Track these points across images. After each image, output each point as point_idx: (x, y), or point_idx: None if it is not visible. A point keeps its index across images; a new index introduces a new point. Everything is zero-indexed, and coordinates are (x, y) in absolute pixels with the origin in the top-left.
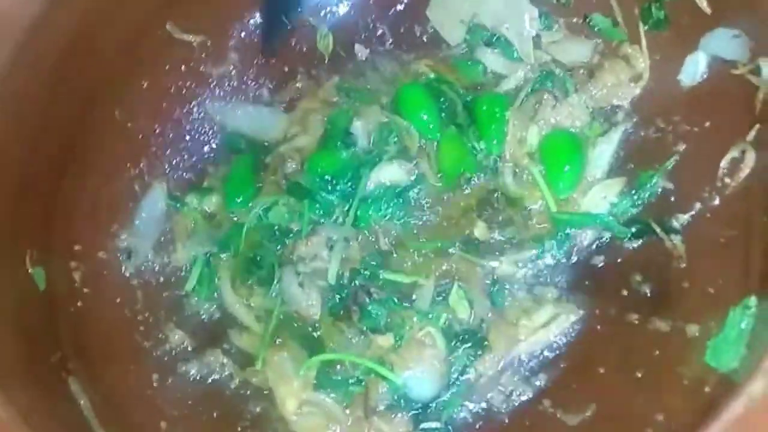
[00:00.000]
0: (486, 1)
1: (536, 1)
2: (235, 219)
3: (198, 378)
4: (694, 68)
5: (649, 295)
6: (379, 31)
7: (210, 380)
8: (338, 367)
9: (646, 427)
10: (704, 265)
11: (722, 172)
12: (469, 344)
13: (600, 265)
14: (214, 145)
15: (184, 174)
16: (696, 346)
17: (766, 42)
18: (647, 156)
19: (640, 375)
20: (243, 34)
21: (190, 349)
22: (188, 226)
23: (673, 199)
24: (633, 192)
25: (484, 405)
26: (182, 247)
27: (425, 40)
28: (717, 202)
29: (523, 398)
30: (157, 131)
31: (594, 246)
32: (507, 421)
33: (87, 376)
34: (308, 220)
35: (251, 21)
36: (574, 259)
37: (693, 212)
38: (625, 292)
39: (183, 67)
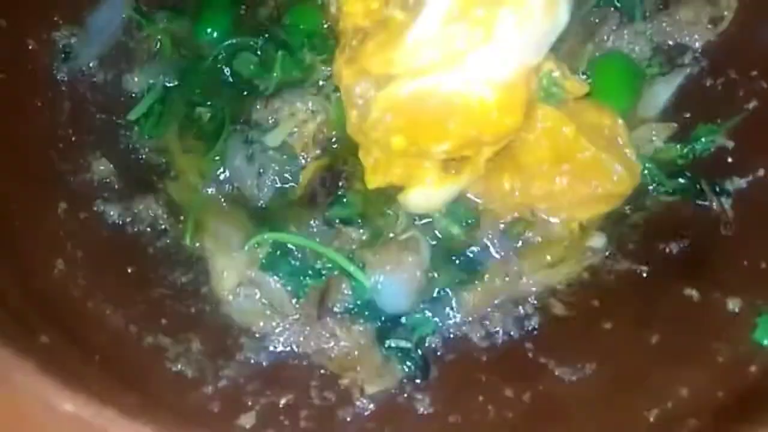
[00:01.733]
0: None
1: None
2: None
3: (118, 223)
4: None
5: (681, 258)
6: None
7: (132, 230)
8: (296, 253)
9: (666, 400)
10: (757, 237)
11: None
12: (460, 264)
13: (628, 213)
14: None
15: None
16: (738, 321)
17: None
18: (709, 107)
19: (655, 341)
20: None
21: (115, 187)
22: (152, 48)
23: (730, 159)
24: (685, 142)
25: (460, 336)
26: (139, 70)
27: None
28: None
29: (509, 340)
30: None
31: None
32: (485, 359)
33: None
34: (277, 78)
35: None
36: None
37: (752, 177)
38: (651, 250)
39: None
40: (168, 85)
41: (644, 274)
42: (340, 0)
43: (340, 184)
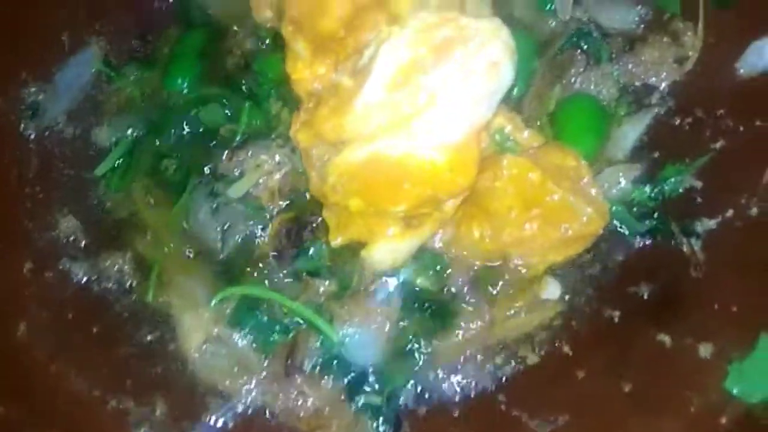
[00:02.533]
0: None
1: None
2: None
3: (83, 282)
4: (758, 57)
5: (653, 302)
6: None
7: (98, 288)
8: (263, 304)
9: None
10: (728, 280)
11: None
12: (431, 314)
13: (598, 256)
14: (171, 15)
15: (130, 40)
16: (710, 368)
17: None
18: (677, 147)
19: (628, 390)
20: None
21: (82, 244)
22: (121, 101)
23: (699, 200)
24: (654, 184)
25: (433, 389)
26: (108, 123)
27: None
28: (755, 212)
29: (482, 391)
30: None
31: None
32: (457, 414)
33: None
34: (243, 129)
35: None
36: None
37: (721, 219)
38: (622, 293)
39: None
40: (135, 137)
41: (616, 320)
42: (287, 68)
43: (305, 236)
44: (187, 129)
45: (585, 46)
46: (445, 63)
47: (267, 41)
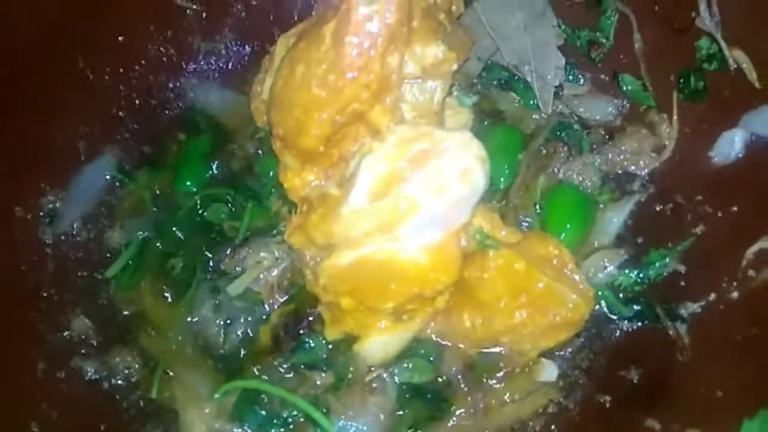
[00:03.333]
0: (510, 39)
1: (564, 50)
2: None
3: (94, 379)
4: (729, 146)
5: (642, 386)
6: None
7: (107, 385)
8: (263, 398)
9: None
10: (713, 363)
11: (747, 263)
12: (426, 403)
13: (588, 341)
14: (181, 122)
15: (142, 147)
16: None
17: None
18: (660, 233)
19: None
20: (244, 14)
21: (93, 343)
22: (132, 204)
23: (683, 284)
24: (639, 268)
25: None
26: (120, 226)
27: None
28: (735, 295)
29: None
30: (123, 93)
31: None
32: None
33: None
34: (246, 226)
35: (254, 2)
36: None
37: (705, 302)
38: (612, 378)
39: (169, 33)
40: (144, 238)
41: (607, 405)
42: (280, 178)
43: (302, 330)
44: (193, 228)
45: (567, 138)
46: (422, 173)
47: (267, 143)
